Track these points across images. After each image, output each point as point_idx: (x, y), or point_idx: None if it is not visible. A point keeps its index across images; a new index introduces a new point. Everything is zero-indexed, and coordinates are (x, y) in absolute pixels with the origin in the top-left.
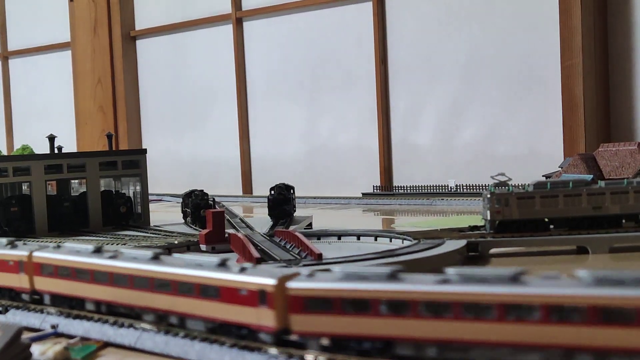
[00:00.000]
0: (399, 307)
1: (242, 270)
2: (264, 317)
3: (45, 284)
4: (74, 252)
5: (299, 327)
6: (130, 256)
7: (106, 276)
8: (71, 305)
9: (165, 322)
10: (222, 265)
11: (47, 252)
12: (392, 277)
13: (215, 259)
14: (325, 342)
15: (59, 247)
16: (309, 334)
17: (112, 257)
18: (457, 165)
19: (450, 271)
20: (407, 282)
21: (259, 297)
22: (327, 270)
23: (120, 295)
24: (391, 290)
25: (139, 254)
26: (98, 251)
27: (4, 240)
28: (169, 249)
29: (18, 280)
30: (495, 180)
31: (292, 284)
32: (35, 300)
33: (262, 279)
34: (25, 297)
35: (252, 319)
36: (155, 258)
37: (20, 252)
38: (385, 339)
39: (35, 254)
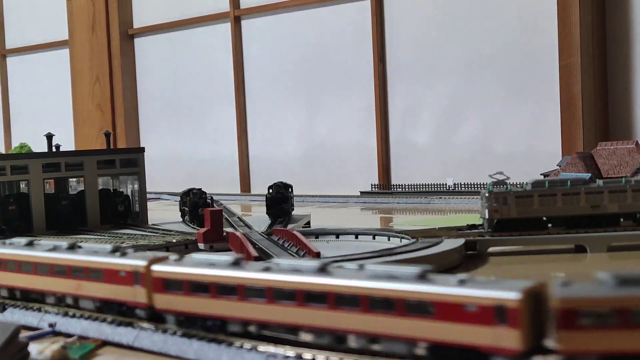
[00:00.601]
0: None
1: (462, 282)
2: (504, 338)
3: (170, 302)
4: (208, 265)
5: (572, 346)
6: (290, 268)
7: (262, 292)
8: (205, 327)
9: (342, 343)
10: (423, 277)
11: (170, 266)
12: None
13: (413, 269)
14: None
15: (180, 259)
16: (582, 352)
17: (266, 270)
18: (456, 164)
19: None
20: None
21: (495, 314)
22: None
23: (279, 314)
24: None
25: (302, 264)
26: (237, 264)
27: (108, 246)
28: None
29: (132, 294)
30: (494, 179)
31: (561, 294)
32: (152, 316)
33: (499, 292)
34: (140, 313)
35: (486, 340)
36: (323, 270)
37: (134, 262)
38: None
39: (156, 267)
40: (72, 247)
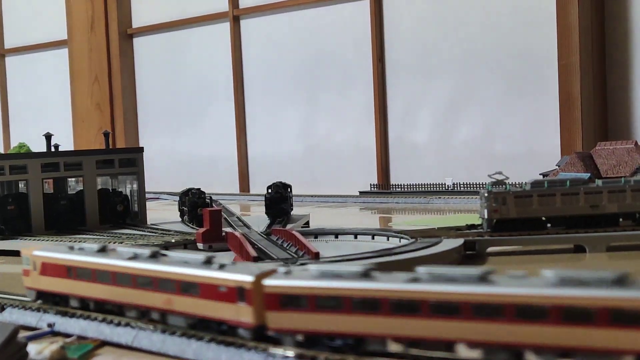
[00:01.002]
0: None
1: None
2: None
3: (289, 320)
4: (334, 277)
5: None
6: (445, 278)
7: (413, 306)
8: (332, 346)
9: (519, 358)
10: (622, 282)
11: (288, 279)
12: None
13: (606, 274)
14: None
15: (290, 271)
16: None
17: (415, 281)
18: (455, 164)
19: None
20: None
21: None
22: None
23: (437, 329)
24: None
25: (457, 273)
26: (368, 275)
27: (201, 256)
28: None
29: (235, 312)
30: (493, 179)
31: None
32: (258, 336)
33: None
34: (243, 332)
35: None
36: (484, 279)
37: (238, 277)
38: None
39: (270, 282)
40: (154, 256)
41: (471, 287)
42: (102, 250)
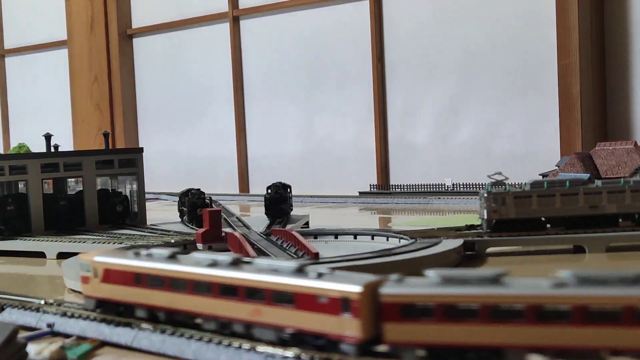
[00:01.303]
0: None
1: None
2: None
3: (413, 332)
4: (462, 283)
5: None
6: (594, 280)
7: (564, 313)
8: (464, 359)
9: None
10: None
11: (410, 288)
12: None
13: None
14: None
15: (402, 279)
16: None
17: (561, 286)
18: (454, 164)
19: None
20: None
21: None
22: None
23: (592, 337)
24: None
25: (611, 275)
26: (498, 281)
27: (293, 264)
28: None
29: (337, 325)
30: (493, 179)
31: None
32: (365, 352)
33: None
34: (346, 348)
35: None
36: (635, 281)
37: (342, 286)
38: None
39: (387, 290)
40: (236, 263)
41: (632, 290)
42: (173, 257)
